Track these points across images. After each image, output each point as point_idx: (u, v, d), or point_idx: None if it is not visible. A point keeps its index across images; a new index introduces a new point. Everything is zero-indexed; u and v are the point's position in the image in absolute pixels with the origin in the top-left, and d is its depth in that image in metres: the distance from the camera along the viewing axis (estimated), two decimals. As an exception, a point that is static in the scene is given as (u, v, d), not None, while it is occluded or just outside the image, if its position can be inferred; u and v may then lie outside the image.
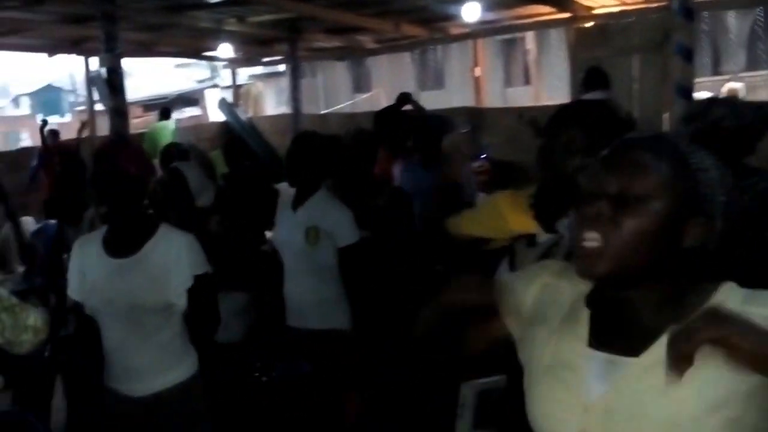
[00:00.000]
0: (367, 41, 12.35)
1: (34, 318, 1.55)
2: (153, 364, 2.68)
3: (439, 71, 18.18)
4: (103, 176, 2.62)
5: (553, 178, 2.11)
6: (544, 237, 2.14)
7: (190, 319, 2.73)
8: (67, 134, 17.81)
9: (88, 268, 2.73)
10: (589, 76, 6.71)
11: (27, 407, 3.47)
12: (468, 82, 12.80)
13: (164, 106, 13.03)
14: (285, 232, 3.56)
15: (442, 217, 4.82)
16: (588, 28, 9.59)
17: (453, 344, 1.63)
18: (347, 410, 3.59)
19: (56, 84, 36.20)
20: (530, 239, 2.19)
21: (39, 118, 34.67)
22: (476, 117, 10.50)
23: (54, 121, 33.14)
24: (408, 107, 6.92)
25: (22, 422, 2.67)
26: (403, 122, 6.03)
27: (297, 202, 3.51)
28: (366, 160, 4.20)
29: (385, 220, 3.79)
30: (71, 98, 26.33)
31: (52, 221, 7.23)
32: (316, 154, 3.47)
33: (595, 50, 8.67)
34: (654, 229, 1.18)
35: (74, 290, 2.79)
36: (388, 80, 16.95)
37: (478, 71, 11.90)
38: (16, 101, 41.62)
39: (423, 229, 4.64)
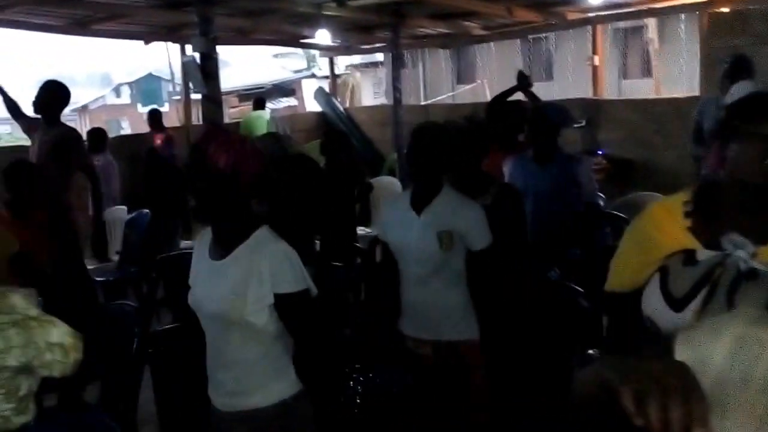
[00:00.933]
0: (474, 27, 11.89)
1: (59, 334, 1.39)
2: (234, 381, 2.54)
3: (550, 61, 17.50)
4: (191, 168, 2.44)
5: (725, 181, 1.73)
6: (704, 254, 1.73)
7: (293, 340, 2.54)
8: (167, 123, 18.20)
9: (195, 264, 2.64)
10: (736, 65, 6.11)
11: (114, 401, 3.48)
12: (582, 72, 12.35)
13: (259, 96, 13.09)
14: (408, 235, 3.32)
15: (558, 220, 4.45)
16: (724, 14, 8.87)
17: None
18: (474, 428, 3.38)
19: (156, 73, 37.28)
20: (688, 256, 1.77)
21: (139, 107, 36.13)
22: (593, 110, 9.97)
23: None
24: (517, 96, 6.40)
25: (97, 424, 2.51)
26: (515, 112, 5.56)
27: (421, 203, 3.31)
28: (475, 153, 3.91)
29: (492, 220, 3.46)
30: (170, 88, 27.08)
31: (145, 211, 7.32)
32: (442, 148, 3.25)
33: (732, 38, 8.07)
34: None
35: (190, 283, 2.65)
36: (494, 70, 16.35)
37: (596, 60, 11.27)
38: (117, 90, 43.08)
39: (535, 232, 4.42)
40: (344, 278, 4.58)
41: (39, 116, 5.71)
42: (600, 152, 8.90)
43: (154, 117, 10.58)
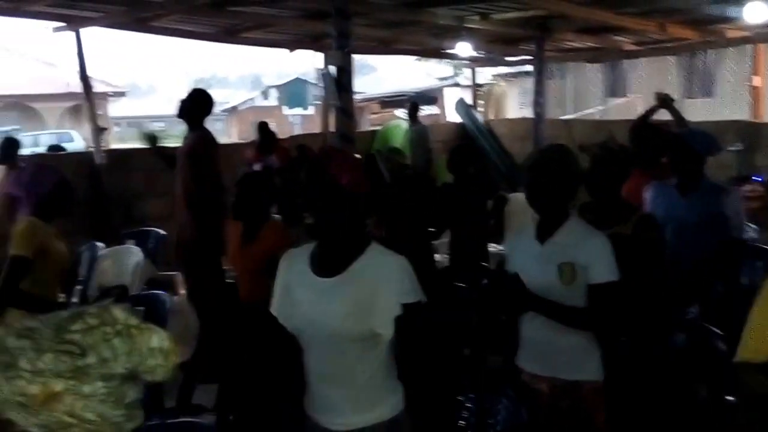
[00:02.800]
0: (624, 42, 11.52)
1: (158, 339, 1.40)
2: (353, 398, 2.52)
3: (709, 78, 16.66)
4: (311, 185, 2.48)
5: None
6: None
7: (397, 352, 2.54)
8: (311, 127, 18.46)
9: (293, 284, 2.59)
10: None
11: (229, 406, 3.60)
12: (742, 92, 11.61)
13: (413, 102, 12.75)
14: (530, 267, 3.12)
15: (700, 254, 4.37)
16: None
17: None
18: None
19: (303, 77, 38.51)
20: None
21: (285, 109, 37.41)
22: (750, 133, 9.47)
23: (298, 113, 35.64)
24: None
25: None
26: (658, 135, 5.21)
27: (545, 233, 3.14)
28: (613, 179, 3.69)
29: (630, 252, 3.29)
30: (315, 91, 27.93)
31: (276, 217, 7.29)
32: (567, 178, 3.06)
33: None
34: None
35: (275, 306, 2.64)
36: (647, 85, 15.63)
37: (757, 81, 10.66)
38: (265, 93, 44.90)
39: (675, 266, 4.10)
40: (467, 298, 4.45)
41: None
42: (757, 178, 8.31)
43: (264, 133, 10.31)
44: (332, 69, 6.96)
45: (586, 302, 3.04)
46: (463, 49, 11.48)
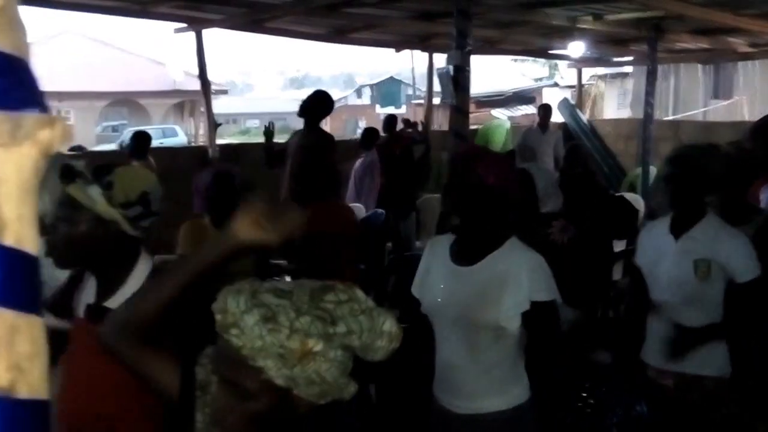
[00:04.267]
0: (739, 44, 11.21)
1: (390, 323, 1.45)
2: (475, 384, 2.60)
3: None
4: (459, 186, 2.58)
5: None
6: None
7: (528, 347, 2.61)
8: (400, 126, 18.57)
9: (432, 267, 2.72)
10: None
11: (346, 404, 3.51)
12: None
13: (545, 106, 11.68)
14: (662, 262, 3.23)
15: None
16: None
17: None
18: None
19: (397, 77, 38.62)
20: None
21: (377, 107, 37.58)
22: None
23: (390, 111, 35.77)
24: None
25: (340, 420, 2.56)
26: None
27: (680, 228, 3.20)
28: (741, 182, 3.72)
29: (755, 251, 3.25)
30: (409, 91, 27.91)
31: (381, 211, 7.57)
32: (702, 172, 3.11)
33: None
34: None
35: (416, 286, 2.78)
36: (755, 87, 15.24)
37: None
38: (358, 91, 45.34)
39: None
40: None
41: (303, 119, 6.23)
42: None
43: (389, 123, 9.98)
44: (450, 69, 7.05)
45: (724, 299, 3.09)
46: (575, 49, 11.42)
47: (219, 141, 10.93)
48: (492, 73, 30.29)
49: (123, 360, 1.70)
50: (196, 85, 10.12)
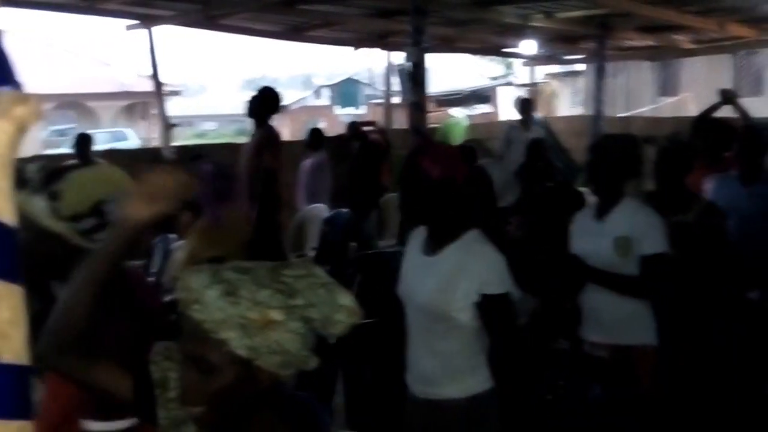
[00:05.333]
0: (683, 41, 11.60)
1: (347, 299, 1.49)
2: (431, 370, 2.66)
3: (760, 77, 16.70)
4: (406, 179, 2.61)
5: None
6: None
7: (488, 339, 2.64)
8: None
9: (408, 258, 2.81)
10: None
11: (311, 391, 3.53)
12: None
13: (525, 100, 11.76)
14: (589, 244, 3.39)
15: (762, 242, 4.33)
16: None
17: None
18: None
19: (355, 77, 38.42)
20: None
21: (337, 109, 37.32)
22: None
23: (350, 112, 35.51)
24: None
25: (310, 408, 2.59)
26: (722, 129, 5.37)
27: (602, 212, 3.38)
28: (678, 170, 3.91)
29: (693, 238, 3.55)
30: (368, 91, 27.81)
31: (344, 210, 7.57)
32: (618, 159, 3.32)
33: None
34: None
35: (401, 276, 2.83)
36: (700, 84, 15.71)
37: None
38: (317, 92, 44.65)
39: (738, 253, 4.26)
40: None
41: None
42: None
43: (354, 129, 10.10)
44: (408, 65, 7.18)
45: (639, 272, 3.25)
46: (527, 47, 11.62)
47: (174, 143, 10.67)
48: (450, 72, 30.44)
49: (70, 375, 1.70)
50: (147, 86, 9.83)
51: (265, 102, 6.00)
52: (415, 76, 6.93)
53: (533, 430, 3.25)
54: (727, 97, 6.24)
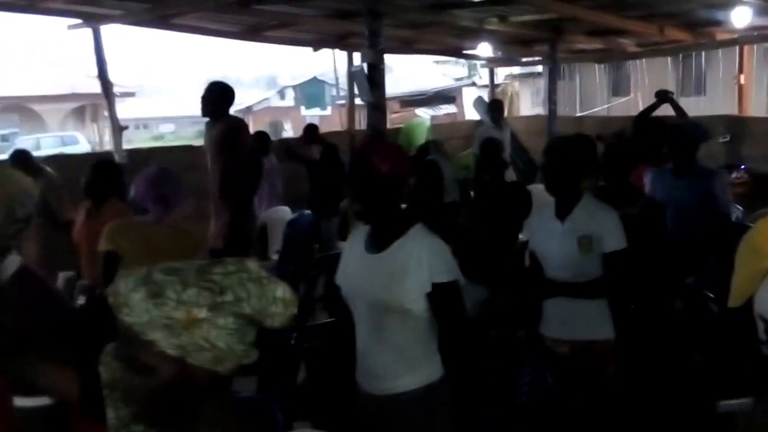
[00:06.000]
0: (628, 44, 12.00)
1: (282, 290, 1.51)
2: (387, 365, 2.70)
3: (701, 77, 17.42)
4: (356, 175, 2.66)
5: None
6: None
7: (439, 328, 2.70)
8: (329, 126, 18.55)
9: (350, 256, 2.83)
10: None
11: (270, 394, 3.58)
12: (731, 89, 12.37)
13: (497, 102, 11.78)
14: (551, 244, 3.50)
15: (695, 231, 4.73)
16: None
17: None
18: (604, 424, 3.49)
19: (320, 77, 37.36)
20: None
21: (303, 109, 36.39)
22: (737, 126, 10.08)
23: (316, 113, 34.42)
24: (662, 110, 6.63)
25: (261, 408, 2.75)
26: (658, 127, 5.71)
27: (563, 211, 3.46)
28: (624, 166, 4.10)
29: (637, 230, 3.63)
30: (333, 92, 27.43)
31: (307, 212, 7.65)
32: (573, 160, 3.39)
33: None
34: None
35: (339, 276, 2.87)
36: (647, 84, 16.31)
37: (742, 79, 11.38)
38: (281, 93, 43.53)
39: (675, 242, 4.52)
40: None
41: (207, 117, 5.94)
42: (742, 166, 8.92)
43: (309, 132, 9.90)
44: (364, 66, 7.11)
45: (602, 269, 3.37)
46: (483, 49, 11.78)
47: (128, 146, 10.31)
48: (415, 73, 30.46)
49: (18, 378, 1.77)
50: (97, 87, 9.19)
51: (218, 95, 5.83)
52: (372, 78, 6.90)
53: (491, 416, 3.47)
54: (664, 97, 6.62)
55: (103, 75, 8.88)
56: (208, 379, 1.45)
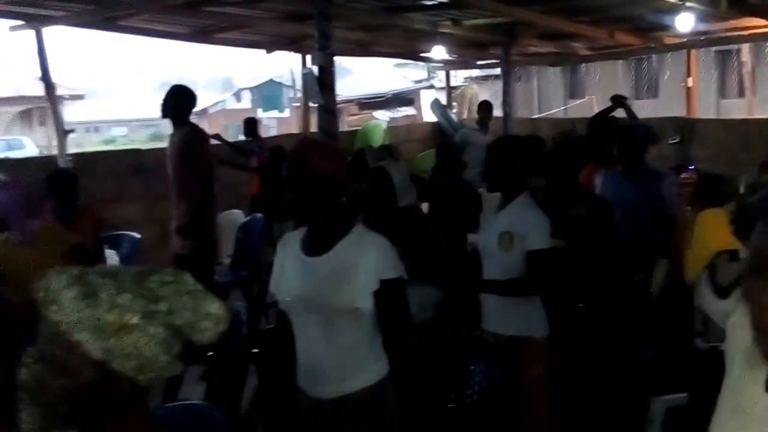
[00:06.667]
0: (580, 48, 12.18)
1: (216, 306, 1.49)
2: (338, 367, 2.66)
3: (654, 80, 17.79)
4: (295, 178, 2.61)
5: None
6: (746, 252, 2.01)
7: (381, 324, 2.67)
8: (286, 129, 18.40)
9: (286, 263, 2.76)
10: None
11: (219, 400, 3.53)
12: (681, 92, 12.56)
13: (485, 102, 11.47)
14: (484, 234, 3.59)
15: (644, 230, 4.78)
16: None
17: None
18: (534, 419, 3.56)
19: (277, 79, 37.05)
20: (733, 254, 2.17)
21: (260, 112, 36.00)
22: (686, 128, 10.28)
23: (273, 115, 34.08)
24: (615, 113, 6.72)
25: (204, 414, 2.72)
26: (610, 130, 5.82)
27: (500, 207, 3.54)
28: (570, 166, 4.15)
29: (585, 230, 3.73)
30: (291, 94, 27.24)
31: (259, 215, 7.65)
32: (512, 159, 3.44)
33: None
34: None
35: (274, 284, 2.82)
36: (602, 87, 16.57)
37: (690, 82, 11.63)
38: (237, 95, 43.27)
39: (624, 241, 4.60)
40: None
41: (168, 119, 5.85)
42: (691, 167, 9.08)
43: (248, 126, 9.88)
44: (315, 69, 7.10)
45: (524, 267, 3.41)
46: (438, 52, 11.82)
47: (77, 150, 10.04)
48: (374, 76, 30.42)
49: None
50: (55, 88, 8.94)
51: (179, 99, 5.78)
52: (322, 81, 6.87)
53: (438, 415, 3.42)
54: (617, 101, 6.74)
55: (46, 77, 8.70)
56: (127, 387, 1.42)
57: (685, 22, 8.68)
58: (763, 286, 1.09)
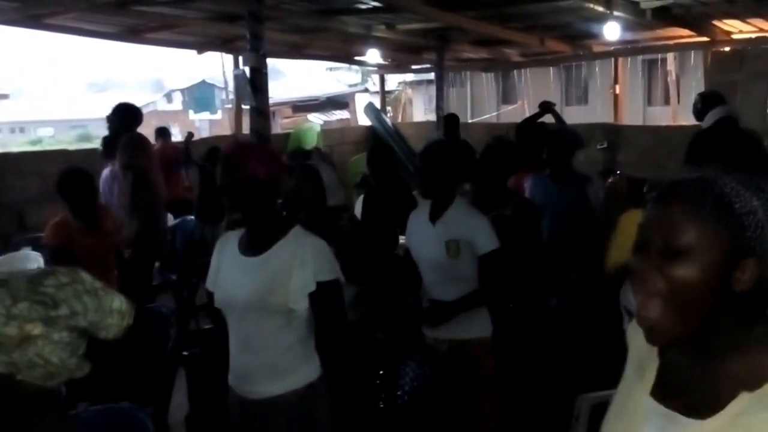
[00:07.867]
0: (512, 54, 12.40)
1: (119, 302, 1.48)
2: (270, 367, 2.66)
3: (583, 87, 18.17)
4: (232, 184, 2.59)
5: None
6: None
7: (316, 326, 2.69)
8: (219, 131, 18.15)
9: (222, 263, 2.76)
10: (707, 98, 6.26)
11: (145, 401, 3.50)
12: (610, 99, 12.94)
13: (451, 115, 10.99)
14: (424, 245, 3.55)
15: (572, 232, 4.88)
16: (724, 52, 9.80)
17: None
18: (484, 418, 3.59)
19: (210, 80, 36.59)
20: None
21: (191, 113, 35.41)
22: (613, 134, 10.51)
23: (205, 117, 33.72)
24: (545, 118, 6.84)
25: (130, 417, 2.70)
26: (539, 134, 5.93)
27: (435, 215, 3.51)
28: (500, 169, 4.16)
29: (511, 230, 3.73)
30: (223, 95, 26.94)
31: (190, 218, 7.62)
32: (446, 165, 3.44)
33: (731, 74, 8.86)
34: (703, 280, 1.08)
35: (210, 283, 2.82)
36: (533, 93, 16.83)
37: (617, 89, 12.10)
38: (168, 96, 42.51)
39: (553, 243, 4.75)
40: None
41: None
42: (617, 172, 9.30)
43: (162, 132, 9.86)
44: (246, 70, 7.05)
45: (476, 271, 3.43)
46: (372, 56, 11.86)
47: (1, 150, 9.83)
48: (308, 79, 30.34)
49: None
50: None
51: (125, 117, 5.91)
52: (255, 82, 6.85)
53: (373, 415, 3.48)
54: (545, 107, 6.87)
55: (-34, 77, 8.42)
56: (35, 394, 1.39)
57: (612, 31, 8.92)
58: (645, 261, 1.10)
